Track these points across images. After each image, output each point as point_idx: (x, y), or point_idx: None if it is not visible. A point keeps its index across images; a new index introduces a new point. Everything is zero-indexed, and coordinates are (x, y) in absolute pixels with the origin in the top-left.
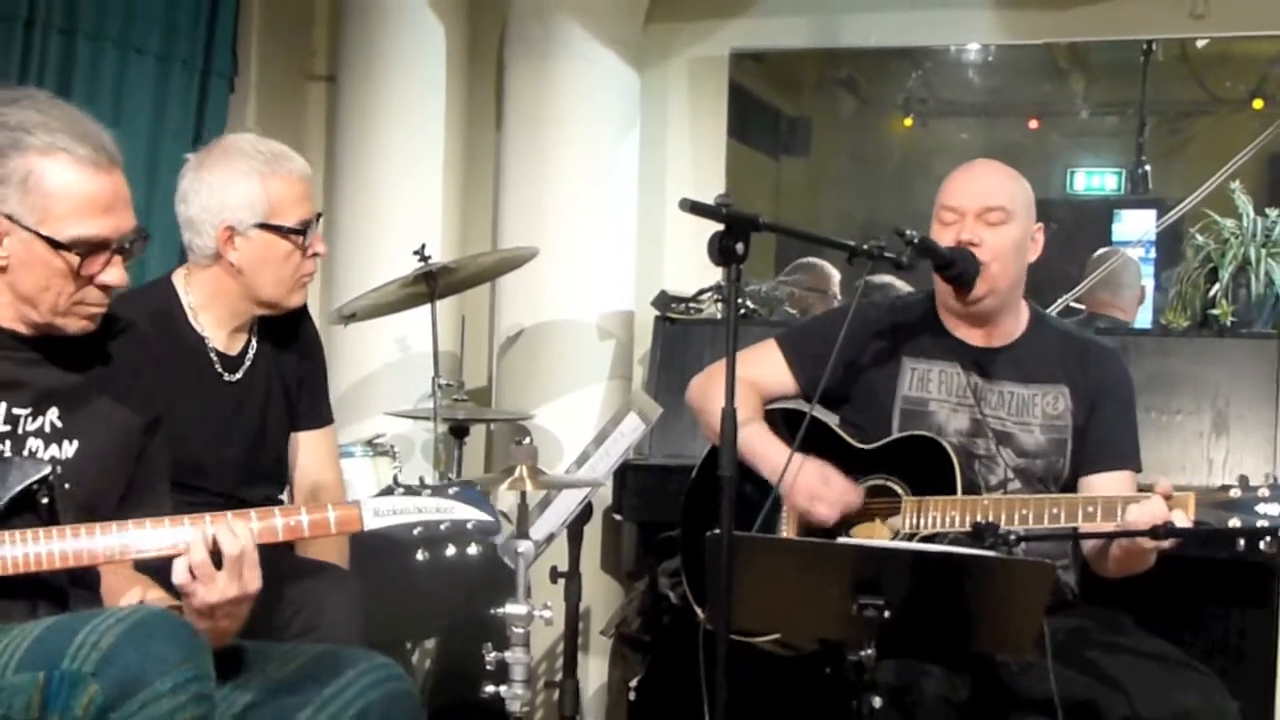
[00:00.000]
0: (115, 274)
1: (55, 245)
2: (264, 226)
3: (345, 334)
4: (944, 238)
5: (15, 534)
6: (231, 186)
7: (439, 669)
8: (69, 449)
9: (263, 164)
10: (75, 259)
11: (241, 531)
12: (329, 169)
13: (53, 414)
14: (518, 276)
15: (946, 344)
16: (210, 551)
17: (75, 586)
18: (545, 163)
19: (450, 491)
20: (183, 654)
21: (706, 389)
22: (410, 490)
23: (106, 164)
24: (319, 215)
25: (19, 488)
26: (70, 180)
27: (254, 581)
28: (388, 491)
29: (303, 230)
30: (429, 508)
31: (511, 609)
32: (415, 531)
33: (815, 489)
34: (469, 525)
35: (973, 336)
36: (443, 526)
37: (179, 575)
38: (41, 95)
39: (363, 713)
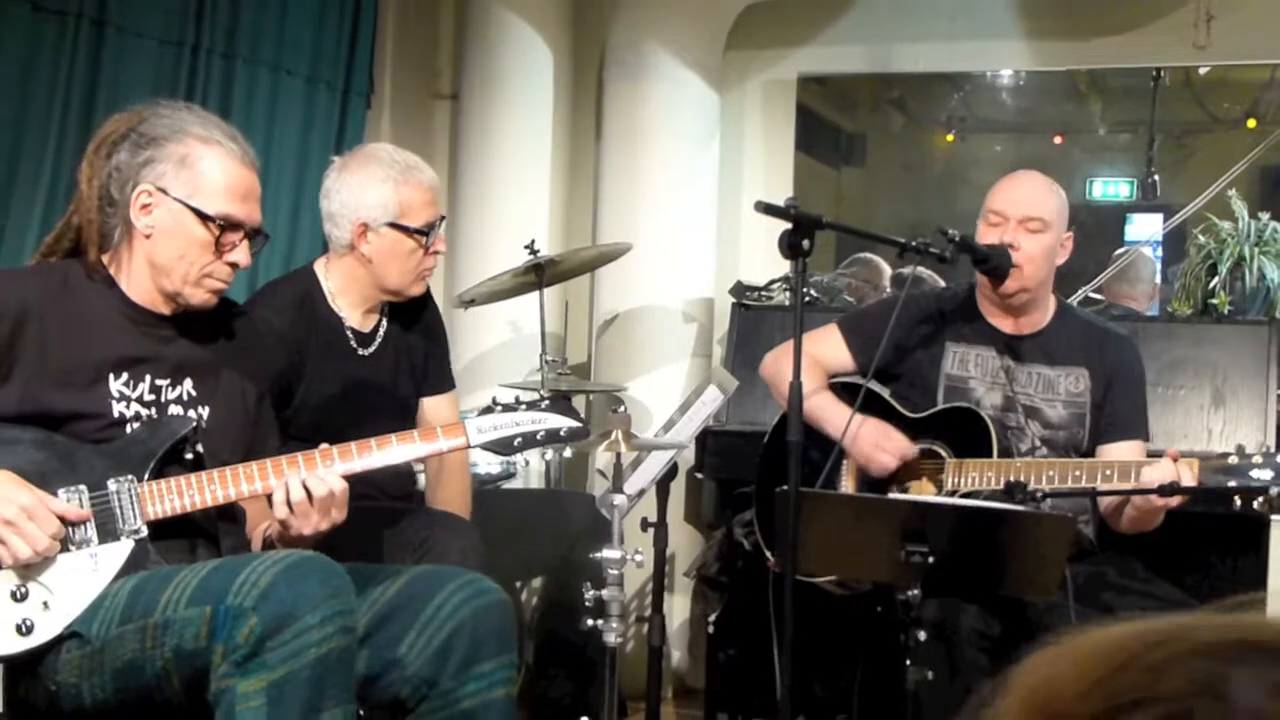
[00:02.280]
0: (242, 254)
1: (202, 217)
2: (393, 225)
3: (465, 317)
4: (988, 236)
5: (171, 482)
6: (369, 189)
7: (545, 605)
8: (204, 414)
9: (398, 172)
10: (216, 231)
11: (332, 480)
12: (452, 175)
13: (188, 384)
14: (614, 268)
15: (983, 330)
16: (306, 492)
17: (224, 521)
18: (638, 171)
19: (543, 405)
20: (330, 591)
21: (778, 364)
22: (508, 408)
23: (250, 163)
24: (442, 218)
25: (170, 443)
26: (221, 166)
27: (338, 516)
28: (488, 410)
29: (426, 231)
30: (525, 420)
31: (608, 553)
32: (515, 442)
33: (879, 440)
34: (562, 432)
35: (1006, 324)
36: (539, 435)
37: (280, 511)
38: (198, 107)
39: (458, 628)
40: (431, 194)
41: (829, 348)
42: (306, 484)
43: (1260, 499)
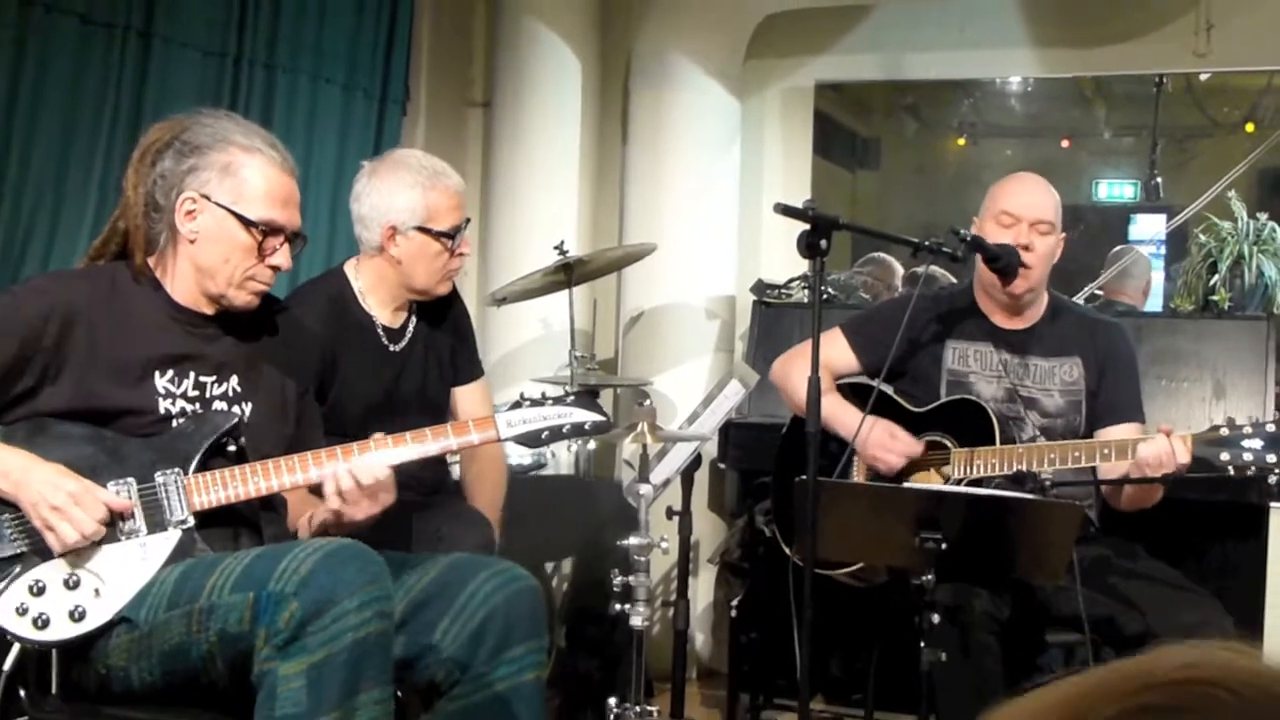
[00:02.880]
0: (283, 258)
1: (245, 222)
2: (421, 229)
3: (498, 314)
4: (999, 237)
5: (216, 474)
6: (398, 194)
7: (574, 590)
8: (247, 409)
9: (426, 178)
10: (259, 235)
11: (377, 468)
12: (485, 180)
13: (233, 380)
14: (640, 267)
15: (982, 327)
16: (355, 481)
17: (266, 510)
18: (662, 174)
19: (569, 400)
20: (367, 578)
21: (787, 369)
22: (535, 403)
23: (290, 169)
24: (467, 221)
25: (214, 436)
26: (263, 174)
27: (386, 499)
28: (516, 405)
29: (452, 235)
30: (552, 415)
31: (635, 541)
32: (543, 435)
33: (885, 442)
34: (586, 425)
35: (1003, 320)
36: (565, 429)
37: (332, 501)
38: (238, 116)
39: (490, 614)
40: (457, 199)
41: (834, 351)
42: (354, 472)
43: (1273, 477)
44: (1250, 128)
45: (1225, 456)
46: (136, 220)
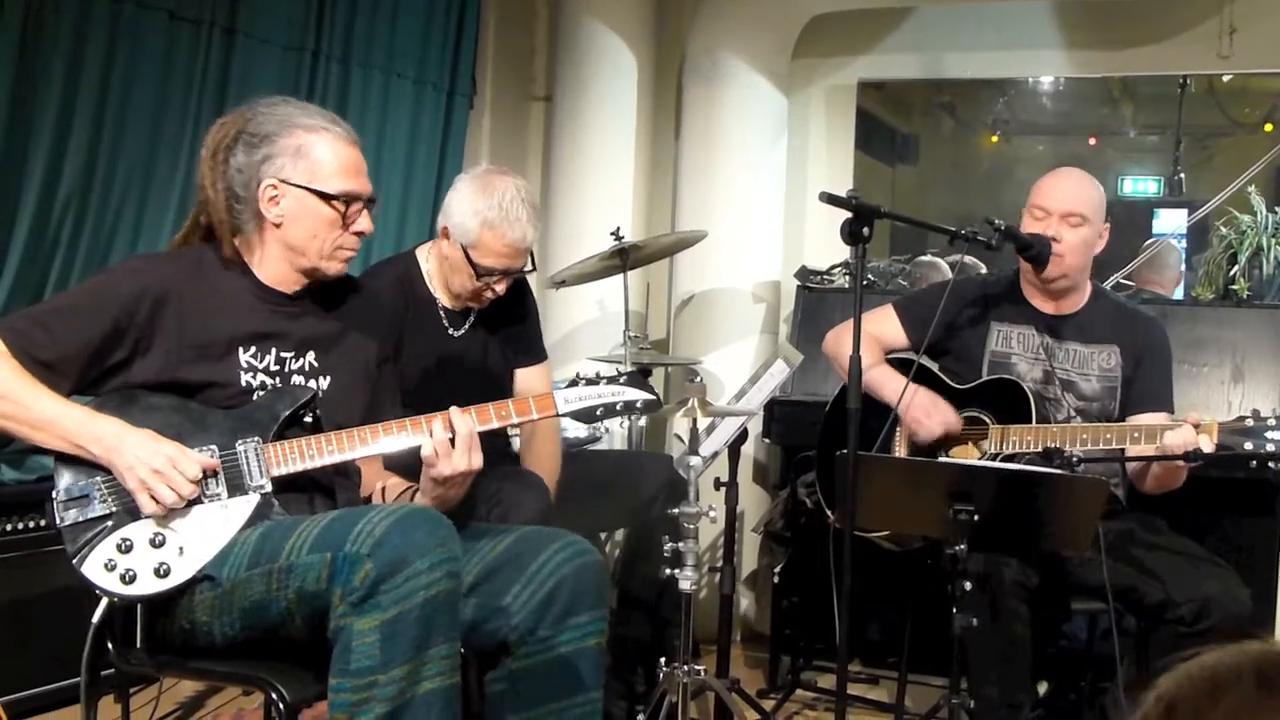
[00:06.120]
0: (366, 222)
1: (326, 197)
2: (465, 249)
3: (557, 296)
4: (1032, 228)
5: (293, 443)
6: (464, 210)
7: (627, 555)
8: (324, 383)
9: (494, 215)
10: (342, 207)
11: (469, 419)
12: (545, 170)
13: (311, 356)
14: (691, 253)
15: (1025, 311)
16: (449, 436)
17: (340, 477)
18: (713, 166)
19: (621, 380)
20: (437, 540)
21: (839, 340)
22: (590, 381)
23: (354, 140)
24: (523, 268)
25: (292, 409)
26: (333, 150)
27: (477, 460)
28: (574, 384)
29: (489, 273)
30: (606, 393)
31: (685, 509)
32: (598, 412)
33: (928, 409)
34: (638, 403)
35: (1046, 306)
36: (618, 406)
37: (426, 450)
38: (294, 99)
39: (559, 584)
40: (509, 249)
41: (886, 326)
42: (452, 422)
43: (1276, 463)
44: (1269, 127)
45: (1249, 445)
46: (220, 215)
